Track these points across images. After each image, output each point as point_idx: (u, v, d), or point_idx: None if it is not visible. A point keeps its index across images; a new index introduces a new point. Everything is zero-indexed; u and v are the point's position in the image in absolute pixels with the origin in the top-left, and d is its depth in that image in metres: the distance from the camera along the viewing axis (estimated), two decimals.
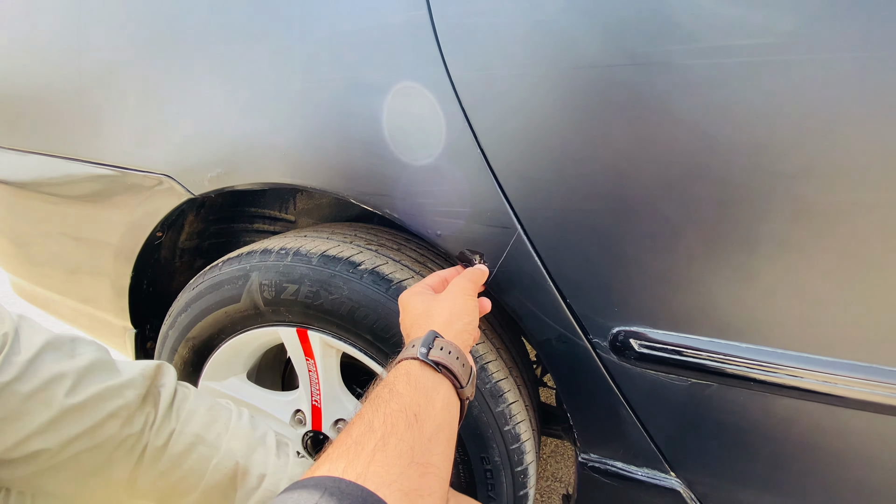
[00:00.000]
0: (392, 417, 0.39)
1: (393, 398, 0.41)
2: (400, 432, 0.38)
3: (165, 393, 0.56)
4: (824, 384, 0.49)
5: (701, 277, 0.50)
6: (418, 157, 0.57)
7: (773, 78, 0.44)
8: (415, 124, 0.56)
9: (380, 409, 0.39)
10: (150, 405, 0.55)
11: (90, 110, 0.74)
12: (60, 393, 0.46)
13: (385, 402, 0.40)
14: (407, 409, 0.40)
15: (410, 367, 0.45)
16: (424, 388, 0.43)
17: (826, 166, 0.44)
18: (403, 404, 0.40)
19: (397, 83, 0.55)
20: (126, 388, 0.52)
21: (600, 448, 0.63)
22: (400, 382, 0.43)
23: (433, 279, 0.58)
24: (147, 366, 0.56)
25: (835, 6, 0.41)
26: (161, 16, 0.66)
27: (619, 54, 0.47)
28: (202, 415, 0.58)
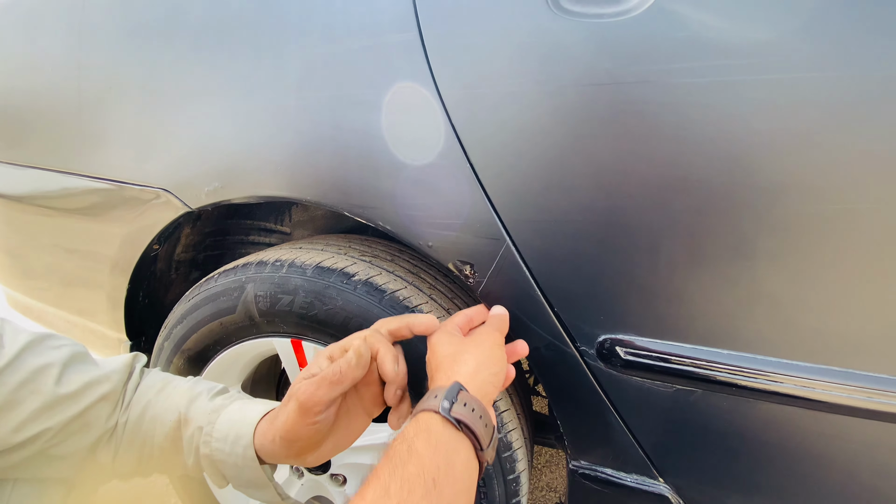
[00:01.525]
0: (409, 483, 0.37)
1: (411, 459, 0.39)
2: (416, 500, 0.36)
3: (135, 376, 0.60)
4: (804, 389, 0.51)
5: (684, 286, 0.52)
6: (410, 171, 0.58)
7: (754, 90, 0.46)
8: (406, 139, 0.58)
9: (397, 472, 0.38)
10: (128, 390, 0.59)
11: (89, 126, 0.76)
12: (49, 382, 0.50)
13: (403, 463, 0.39)
14: (425, 474, 0.38)
15: (431, 422, 0.43)
16: (445, 449, 0.42)
17: (805, 175, 0.46)
18: (422, 467, 0.39)
19: (389, 99, 0.57)
20: (112, 374, 0.56)
21: (590, 455, 0.64)
22: (420, 440, 0.41)
23: (460, 319, 0.56)
24: (125, 357, 0.60)
25: (817, 22, 0.44)
26: (159, 33, 0.68)
27: (603, 71, 0.50)
28: (156, 383, 0.60)
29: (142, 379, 0.61)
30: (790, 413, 0.52)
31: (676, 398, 0.56)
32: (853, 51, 0.43)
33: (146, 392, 0.59)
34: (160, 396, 0.58)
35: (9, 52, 0.86)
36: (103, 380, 0.55)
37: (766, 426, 0.54)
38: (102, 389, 0.54)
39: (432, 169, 0.57)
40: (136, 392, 0.59)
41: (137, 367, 0.61)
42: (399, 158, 0.58)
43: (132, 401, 0.58)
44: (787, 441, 0.53)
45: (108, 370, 0.56)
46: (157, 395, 0.59)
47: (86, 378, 0.53)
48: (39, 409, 0.48)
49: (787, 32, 0.45)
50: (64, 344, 0.54)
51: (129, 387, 0.58)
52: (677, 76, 0.47)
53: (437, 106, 0.55)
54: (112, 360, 0.58)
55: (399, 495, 0.36)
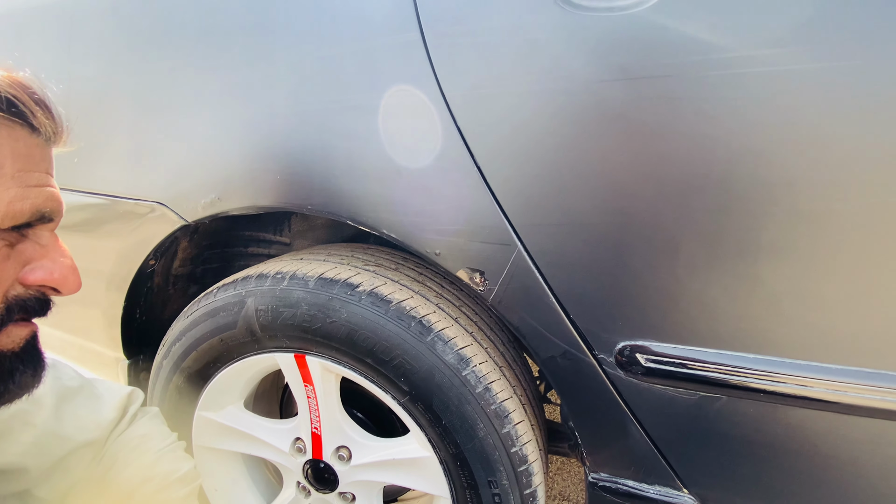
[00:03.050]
0: None
1: None
2: None
3: (123, 423, 0.58)
4: (835, 393, 0.48)
5: (704, 288, 0.50)
6: (414, 177, 0.56)
7: (765, 87, 0.44)
8: (409, 143, 0.55)
9: None
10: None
11: (81, 139, 0.74)
12: (44, 414, 0.48)
13: None
14: None
15: None
16: None
17: (825, 173, 0.44)
18: None
19: (390, 103, 0.55)
20: (102, 420, 0.54)
21: (610, 467, 0.61)
22: None
23: None
24: (120, 396, 0.58)
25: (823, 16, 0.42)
26: (150, 45, 0.66)
27: (611, 69, 0.47)
28: (133, 440, 0.58)
29: (128, 427, 0.58)
30: (821, 418, 0.50)
31: (701, 406, 0.53)
32: (868, 42, 0.41)
33: (123, 446, 0.56)
34: (129, 458, 0.55)
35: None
36: (93, 426, 0.52)
37: (796, 433, 0.51)
38: (91, 435, 0.51)
39: (438, 173, 0.55)
40: (116, 442, 0.56)
41: (130, 410, 0.58)
42: (403, 164, 0.56)
43: (107, 452, 0.55)
44: (818, 448, 0.51)
45: (101, 417, 0.53)
46: (126, 455, 0.55)
47: (80, 418, 0.50)
48: (30, 445, 0.45)
49: (803, 20, 0.43)
50: (63, 375, 0.51)
51: (113, 436, 0.55)
52: (692, 70, 0.45)
53: (441, 108, 0.53)
54: (107, 400, 0.54)
55: None
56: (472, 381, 0.63)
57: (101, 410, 0.54)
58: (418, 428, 0.67)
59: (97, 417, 0.52)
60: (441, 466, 0.67)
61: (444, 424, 0.64)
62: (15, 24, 0.81)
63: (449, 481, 0.67)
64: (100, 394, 0.54)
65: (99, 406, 0.53)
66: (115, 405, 0.55)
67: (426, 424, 0.67)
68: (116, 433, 0.56)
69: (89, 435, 0.51)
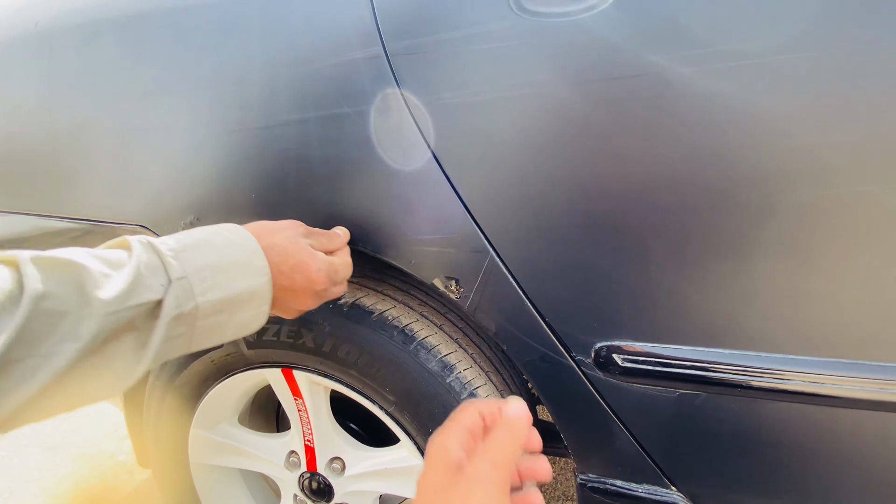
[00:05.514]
0: None
1: None
2: None
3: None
4: (814, 385, 0.48)
5: (678, 286, 0.50)
6: (384, 188, 0.57)
7: (725, 84, 0.44)
8: (377, 155, 0.56)
9: None
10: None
11: (64, 167, 0.75)
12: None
13: None
14: None
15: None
16: None
17: (789, 167, 0.44)
18: None
19: (356, 117, 0.56)
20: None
21: (598, 467, 0.61)
22: None
23: (469, 422, 0.38)
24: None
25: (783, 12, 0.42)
26: (126, 70, 0.68)
27: (569, 73, 0.48)
28: None
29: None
30: (801, 410, 0.50)
31: (681, 403, 0.53)
32: (832, 34, 0.41)
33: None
34: None
35: None
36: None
37: (777, 426, 0.51)
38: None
39: (407, 184, 0.56)
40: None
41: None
42: (372, 176, 0.57)
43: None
44: (800, 439, 0.51)
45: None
46: None
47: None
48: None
49: (761, 17, 0.43)
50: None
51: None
52: (650, 69, 0.45)
53: (407, 119, 0.54)
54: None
55: None
56: (457, 388, 0.64)
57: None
58: (407, 437, 0.68)
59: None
60: None
61: (431, 432, 0.64)
62: None
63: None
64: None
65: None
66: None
67: (415, 433, 0.67)
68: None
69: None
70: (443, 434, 0.38)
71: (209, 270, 0.45)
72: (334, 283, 0.55)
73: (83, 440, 1.49)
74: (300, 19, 0.57)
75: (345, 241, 0.58)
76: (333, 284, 0.55)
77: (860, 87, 0.41)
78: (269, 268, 0.49)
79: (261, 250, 0.49)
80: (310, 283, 0.51)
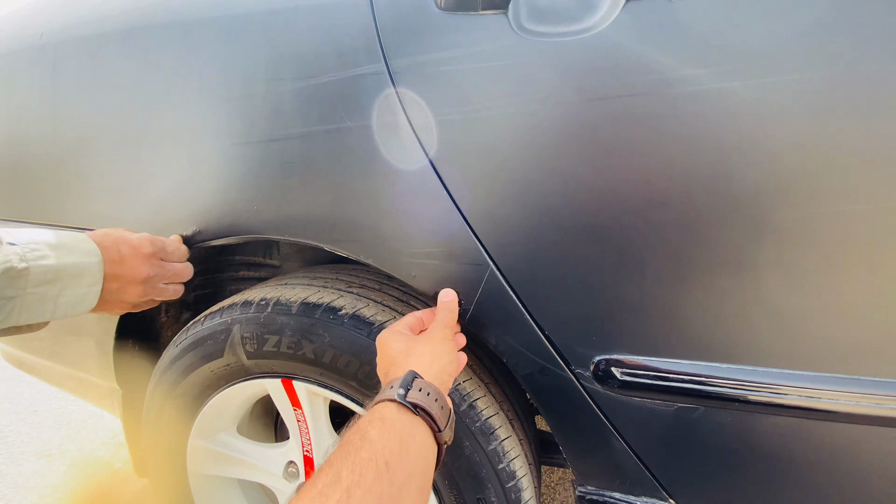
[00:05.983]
0: (361, 467, 0.37)
1: (364, 445, 0.39)
2: (368, 483, 0.36)
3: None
4: (810, 399, 0.49)
5: (676, 301, 0.50)
6: (386, 202, 0.57)
7: (725, 97, 0.45)
8: (380, 170, 0.57)
9: (348, 458, 0.38)
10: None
11: (66, 176, 0.76)
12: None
13: (355, 449, 0.39)
14: (377, 458, 0.38)
15: (386, 410, 0.43)
16: (399, 434, 0.42)
17: (789, 184, 0.45)
18: (374, 452, 0.39)
19: (360, 132, 0.56)
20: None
21: (597, 480, 0.61)
22: (374, 428, 0.41)
23: (411, 320, 0.57)
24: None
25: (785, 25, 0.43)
26: (128, 83, 0.68)
27: (568, 91, 0.49)
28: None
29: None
30: (798, 425, 0.50)
31: (679, 416, 0.54)
32: (827, 52, 0.42)
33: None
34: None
35: None
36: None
37: (774, 440, 0.51)
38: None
39: (409, 198, 0.56)
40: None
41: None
42: (375, 190, 0.57)
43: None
44: (797, 454, 0.51)
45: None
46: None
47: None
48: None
49: (752, 39, 0.44)
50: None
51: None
52: (645, 90, 0.46)
53: (410, 135, 0.55)
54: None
55: (350, 479, 0.36)
56: (456, 400, 0.64)
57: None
58: None
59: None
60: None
61: None
62: (2, 68, 0.83)
63: (438, 500, 0.67)
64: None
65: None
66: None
67: None
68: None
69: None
70: (388, 328, 0.56)
71: (40, 244, 0.49)
72: (161, 257, 0.59)
73: (79, 448, 1.48)
74: (304, 35, 0.58)
75: (184, 250, 0.65)
76: (161, 262, 0.59)
77: (865, 104, 0.42)
78: (98, 248, 0.53)
79: (89, 238, 0.54)
80: (134, 249, 0.56)
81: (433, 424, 0.45)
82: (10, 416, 1.67)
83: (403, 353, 0.51)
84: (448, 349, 0.53)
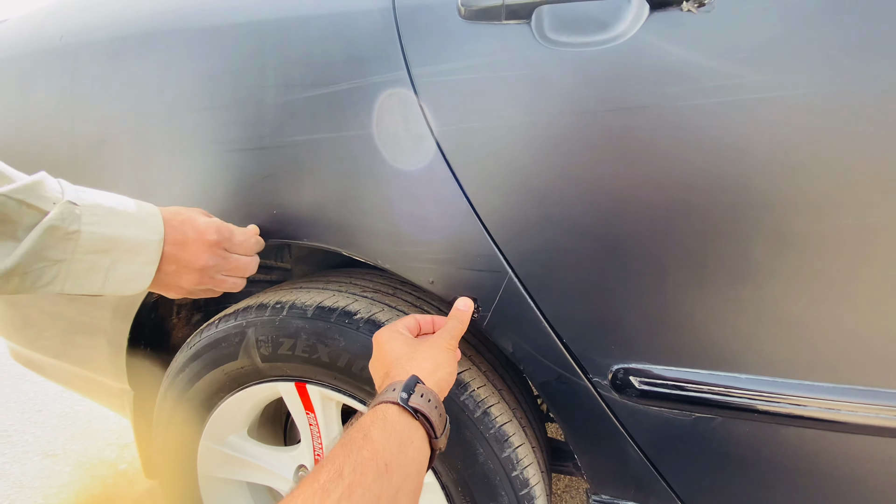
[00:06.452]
0: (362, 465, 0.38)
1: (366, 445, 0.40)
2: (368, 482, 0.37)
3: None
4: (829, 411, 0.49)
5: (695, 310, 0.51)
6: (405, 208, 0.58)
7: (745, 110, 0.45)
8: (399, 175, 0.57)
9: (351, 456, 0.39)
10: None
11: (84, 179, 0.76)
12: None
13: (357, 448, 0.40)
14: (378, 458, 0.39)
15: (388, 411, 0.44)
16: (399, 437, 0.43)
17: (809, 195, 0.45)
18: (375, 452, 0.40)
19: (380, 138, 0.57)
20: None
21: (611, 488, 0.61)
22: (376, 428, 0.42)
23: (410, 322, 0.57)
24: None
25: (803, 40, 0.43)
26: (148, 88, 0.69)
27: (593, 99, 0.49)
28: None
29: None
30: (816, 436, 0.50)
31: (696, 426, 0.54)
32: (842, 68, 0.43)
33: None
34: None
35: (2, 109, 0.87)
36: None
37: (792, 451, 0.51)
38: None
39: (428, 204, 0.57)
40: None
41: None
42: (394, 195, 0.58)
43: None
44: (815, 466, 0.51)
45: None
46: None
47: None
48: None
49: (773, 52, 0.44)
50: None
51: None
52: (667, 100, 0.47)
53: (429, 141, 0.55)
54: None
55: (352, 477, 0.37)
56: (471, 406, 0.64)
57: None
58: None
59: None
60: (443, 492, 0.67)
61: (443, 449, 0.64)
62: (20, 70, 0.84)
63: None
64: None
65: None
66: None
67: None
68: None
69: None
70: (388, 327, 0.56)
71: (103, 209, 0.47)
72: (226, 247, 0.56)
73: (84, 448, 1.48)
74: (328, 42, 0.58)
75: (254, 242, 0.61)
76: (225, 252, 0.56)
77: (879, 117, 0.42)
78: (164, 226, 0.50)
79: (159, 214, 0.51)
80: (199, 234, 0.53)
81: (431, 431, 0.46)
82: (14, 415, 1.67)
83: (407, 357, 0.51)
84: (450, 359, 0.53)
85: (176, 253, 0.52)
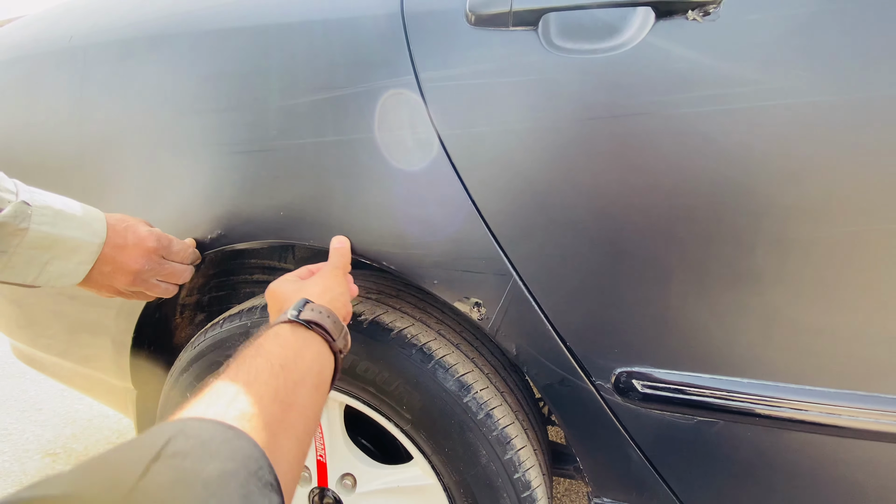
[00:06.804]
0: (255, 369, 0.39)
1: (259, 354, 0.41)
2: (264, 379, 0.38)
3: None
4: (831, 416, 0.49)
5: (699, 314, 0.51)
6: (411, 210, 0.58)
7: (751, 117, 0.46)
8: (405, 178, 0.58)
9: (244, 364, 0.39)
10: None
11: (91, 179, 0.77)
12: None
13: (251, 357, 0.40)
14: (273, 361, 0.40)
15: (280, 329, 0.45)
16: (294, 346, 0.43)
17: (810, 200, 0.46)
18: (269, 358, 0.40)
19: (389, 142, 0.57)
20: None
21: (613, 491, 0.62)
22: (268, 341, 0.43)
23: (302, 272, 0.59)
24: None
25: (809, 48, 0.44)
26: (158, 88, 0.70)
27: (599, 105, 0.50)
28: None
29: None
30: (818, 441, 0.50)
31: (699, 430, 0.54)
32: (845, 76, 0.43)
33: None
34: None
35: (10, 109, 0.88)
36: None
37: (794, 455, 0.52)
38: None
39: (434, 207, 0.57)
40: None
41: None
42: (400, 198, 0.58)
43: None
44: (817, 470, 0.51)
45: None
46: None
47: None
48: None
49: (777, 60, 0.45)
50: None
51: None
52: (671, 107, 0.47)
53: (436, 145, 0.56)
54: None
55: (246, 377, 0.37)
56: (474, 408, 0.64)
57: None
58: (421, 455, 0.68)
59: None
60: (445, 493, 0.67)
61: (447, 451, 0.65)
62: (29, 69, 0.85)
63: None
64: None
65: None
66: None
67: (429, 452, 0.68)
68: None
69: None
70: (280, 278, 0.57)
71: (52, 210, 0.51)
72: (163, 255, 0.60)
73: (85, 448, 1.48)
74: (336, 46, 0.59)
75: (191, 252, 0.66)
76: (162, 259, 0.60)
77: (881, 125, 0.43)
78: (107, 230, 0.54)
79: (104, 219, 0.55)
80: (140, 240, 0.57)
81: (327, 336, 0.47)
82: (14, 413, 1.67)
83: (294, 291, 0.52)
84: (339, 282, 0.55)
85: (114, 255, 0.56)
